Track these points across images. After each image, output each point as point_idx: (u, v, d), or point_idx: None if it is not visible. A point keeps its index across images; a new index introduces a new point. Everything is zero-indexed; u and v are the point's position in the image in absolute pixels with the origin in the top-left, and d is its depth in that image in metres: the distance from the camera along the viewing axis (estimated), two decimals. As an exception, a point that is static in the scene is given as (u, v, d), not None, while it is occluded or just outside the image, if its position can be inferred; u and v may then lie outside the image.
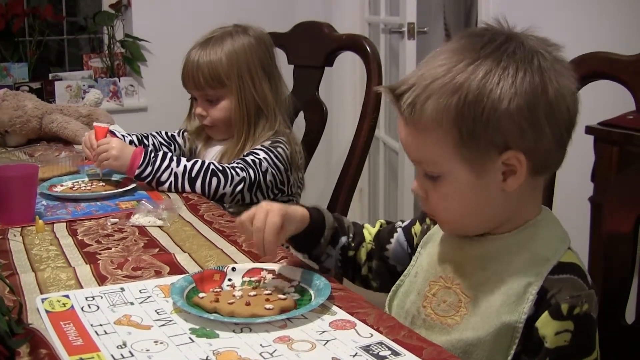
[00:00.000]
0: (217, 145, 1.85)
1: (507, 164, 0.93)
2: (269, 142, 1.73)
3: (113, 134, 1.78)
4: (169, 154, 1.66)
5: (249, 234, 1.08)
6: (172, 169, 1.62)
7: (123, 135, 1.85)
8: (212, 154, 1.84)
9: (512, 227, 0.99)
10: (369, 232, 1.23)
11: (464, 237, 1.02)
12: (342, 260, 1.21)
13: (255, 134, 1.76)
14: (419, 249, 1.11)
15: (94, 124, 1.79)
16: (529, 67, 0.92)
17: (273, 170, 1.69)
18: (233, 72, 1.75)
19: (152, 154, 1.63)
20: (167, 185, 1.62)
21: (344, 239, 1.21)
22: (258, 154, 1.69)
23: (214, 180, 1.61)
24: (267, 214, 1.06)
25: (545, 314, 0.92)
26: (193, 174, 1.62)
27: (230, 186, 1.62)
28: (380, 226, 1.24)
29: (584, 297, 0.91)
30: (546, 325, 0.91)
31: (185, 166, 1.62)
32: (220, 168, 1.63)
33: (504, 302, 0.94)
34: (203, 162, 1.64)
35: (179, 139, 1.94)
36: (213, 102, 1.78)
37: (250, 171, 1.64)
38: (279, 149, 1.72)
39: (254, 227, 1.07)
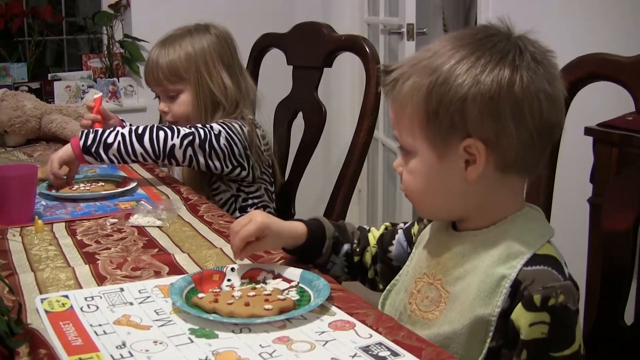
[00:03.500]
0: None
1: (468, 152, 0.96)
2: (222, 120, 1.76)
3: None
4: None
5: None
6: (118, 130, 1.65)
7: (130, 125, 1.87)
8: None
9: (490, 222, 1.00)
10: (374, 235, 1.25)
11: (446, 234, 1.04)
12: (348, 267, 1.23)
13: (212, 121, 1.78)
14: (413, 250, 1.13)
15: (94, 96, 1.86)
16: (501, 60, 0.94)
17: (227, 137, 1.69)
18: (191, 66, 1.79)
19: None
20: (115, 145, 1.62)
21: (346, 247, 1.22)
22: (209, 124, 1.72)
23: (161, 133, 1.63)
24: (249, 221, 1.11)
25: (519, 305, 0.92)
26: (139, 131, 1.64)
27: (178, 137, 1.63)
28: (385, 229, 1.25)
29: (558, 288, 0.91)
30: (520, 317, 0.92)
31: (130, 128, 1.66)
32: (167, 126, 1.67)
33: (478, 295, 0.95)
34: (147, 125, 1.67)
35: None
36: (173, 98, 1.82)
37: (200, 130, 1.66)
38: (233, 124, 1.73)
39: (230, 229, 1.14)
